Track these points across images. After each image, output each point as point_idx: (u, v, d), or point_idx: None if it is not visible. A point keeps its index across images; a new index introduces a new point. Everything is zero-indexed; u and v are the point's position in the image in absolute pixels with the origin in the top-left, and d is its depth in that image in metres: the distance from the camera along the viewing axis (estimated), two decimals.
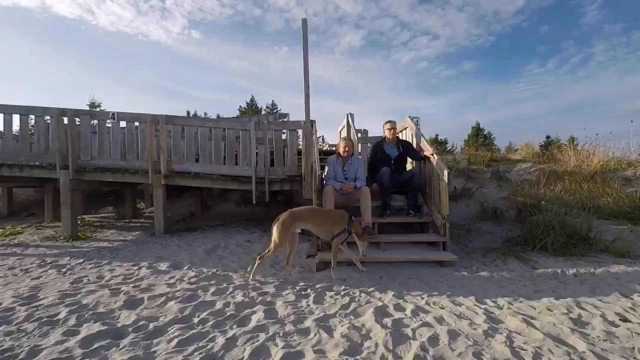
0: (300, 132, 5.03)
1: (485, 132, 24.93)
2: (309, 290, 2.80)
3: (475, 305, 2.43)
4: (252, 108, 24.78)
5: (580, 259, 3.39)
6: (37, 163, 5.13)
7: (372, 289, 2.80)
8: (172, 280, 2.97)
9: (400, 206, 4.77)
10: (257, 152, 5.12)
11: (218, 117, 18.64)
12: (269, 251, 3.04)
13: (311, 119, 4.51)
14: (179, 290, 2.71)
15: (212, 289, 2.76)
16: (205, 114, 22.61)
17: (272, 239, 3.04)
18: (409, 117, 5.07)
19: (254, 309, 2.36)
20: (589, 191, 5.09)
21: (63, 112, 4.92)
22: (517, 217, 4.82)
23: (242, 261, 3.63)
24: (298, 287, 2.86)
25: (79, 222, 6.08)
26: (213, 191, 7.39)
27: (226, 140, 5.10)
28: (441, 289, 2.81)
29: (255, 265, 3.05)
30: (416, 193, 4.33)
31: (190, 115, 19.46)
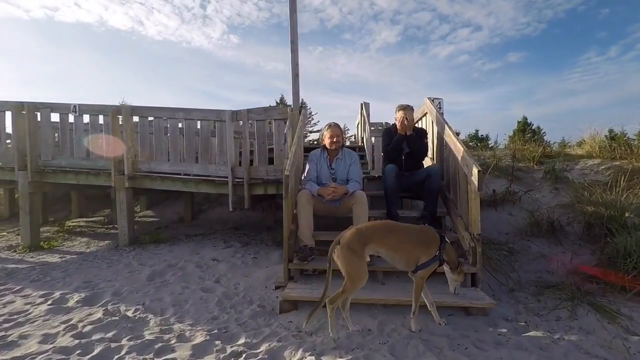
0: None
1: (533, 127, 22.22)
2: (243, 357, 1.77)
3: None
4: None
5: None
6: None
7: None
8: (61, 327, 2.08)
9: (414, 217, 3.57)
10: (248, 150, 4.20)
11: None
12: (342, 292, 1.95)
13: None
14: (48, 351, 1.80)
15: (97, 349, 1.82)
16: None
17: (345, 274, 1.96)
18: (429, 98, 3.85)
19: None
20: None
21: (22, 105, 4.34)
22: (586, 235, 3.41)
23: (184, 293, 2.67)
24: (230, 349, 1.85)
25: (59, 228, 5.60)
26: (210, 193, 6.60)
27: (201, 135, 4.22)
28: None
29: (329, 317, 1.97)
30: (434, 200, 3.12)
31: None
